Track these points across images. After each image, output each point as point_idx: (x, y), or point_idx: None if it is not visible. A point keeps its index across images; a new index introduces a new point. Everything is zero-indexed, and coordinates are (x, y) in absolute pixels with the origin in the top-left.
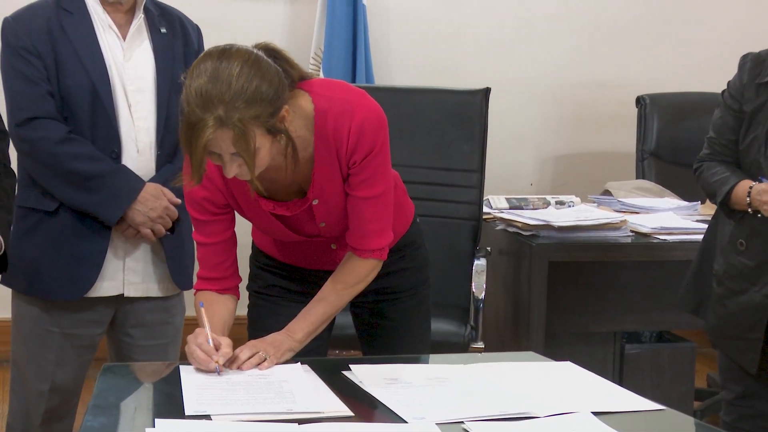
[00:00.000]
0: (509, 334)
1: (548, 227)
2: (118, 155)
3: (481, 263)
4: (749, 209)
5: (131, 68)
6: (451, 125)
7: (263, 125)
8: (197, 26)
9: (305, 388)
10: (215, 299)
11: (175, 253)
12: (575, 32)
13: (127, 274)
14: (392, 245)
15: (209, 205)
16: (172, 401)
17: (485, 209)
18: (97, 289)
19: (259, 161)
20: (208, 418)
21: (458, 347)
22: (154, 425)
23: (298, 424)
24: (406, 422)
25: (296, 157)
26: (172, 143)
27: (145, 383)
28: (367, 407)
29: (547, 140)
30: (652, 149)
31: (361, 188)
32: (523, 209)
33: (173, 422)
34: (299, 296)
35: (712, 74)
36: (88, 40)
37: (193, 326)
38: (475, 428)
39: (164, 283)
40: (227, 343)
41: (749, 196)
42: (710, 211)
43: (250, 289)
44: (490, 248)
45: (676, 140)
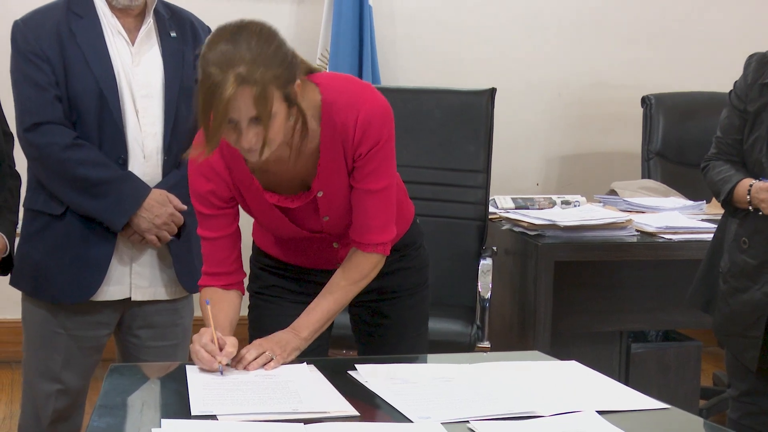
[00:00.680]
0: (515, 333)
1: (554, 227)
2: (124, 161)
3: (487, 263)
4: (750, 207)
5: (140, 73)
6: (456, 125)
7: (281, 89)
8: (209, 28)
9: (311, 387)
10: (221, 296)
11: (182, 256)
12: (581, 32)
13: (133, 278)
14: (394, 243)
15: (214, 198)
16: (178, 401)
17: (491, 209)
18: (103, 292)
19: (274, 131)
20: (214, 418)
21: (464, 347)
22: (160, 425)
23: (303, 423)
24: (411, 422)
25: (305, 132)
26: (179, 149)
27: (151, 383)
28: (372, 407)
29: (552, 140)
30: (657, 149)
31: (366, 181)
32: (528, 209)
33: (179, 422)
34: (300, 296)
35: (717, 74)
36: (96, 44)
37: (201, 326)
38: (480, 427)
39: (172, 286)
40: (232, 342)
41: (749, 194)
42: (716, 210)
43: (250, 290)
44: (496, 248)
45: (681, 140)
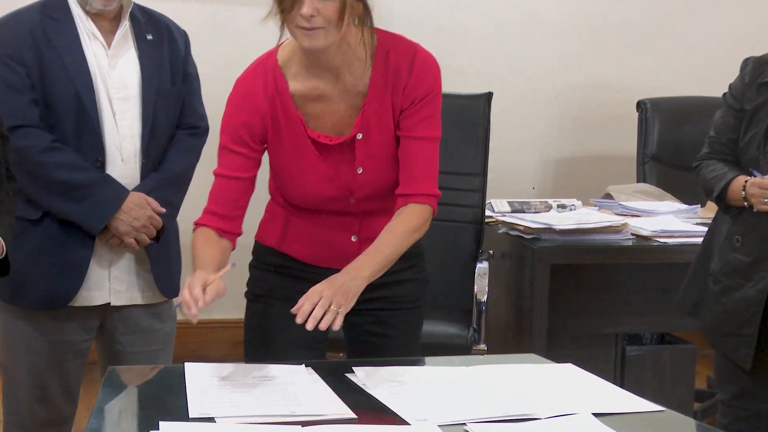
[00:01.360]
0: (512, 336)
1: (550, 230)
2: (102, 164)
3: (483, 266)
4: (745, 203)
5: (116, 76)
6: (453, 129)
7: None
8: (184, 31)
9: (309, 390)
10: (214, 240)
11: (160, 260)
12: (577, 36)
13: (112, 282)
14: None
15: (246, 133)
16: (176, 404)
17: (488, 212)
18: (82, 298)
19: (336, 6)
20: (212, 420)
21: (461, 349)
22: (158, 427)
23: (301, 426)
24: (408, 424)
25: (371, 55)
26: (157, 152)
27: (149, 386)
28: (369, 409)
29: (548, 144)
30: (653, 153)
31: (420, 128)
32: (525, 212)
33: (177, 425)
34: None
35: (712, 78)
36: (72, 47)
37: (184, 330)
38: (477, 430)
39: (149, 290)
40: (215, 287)
41: (744, 189)
42: (711, 214)
43: (250, 293)
44: (492, 251)
45: (676, 144)
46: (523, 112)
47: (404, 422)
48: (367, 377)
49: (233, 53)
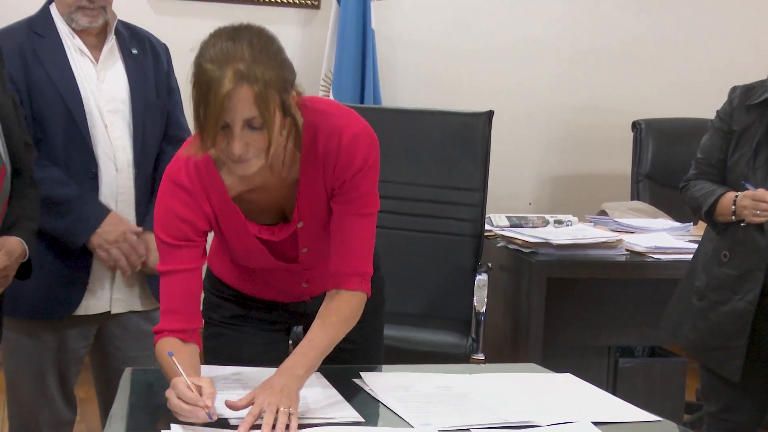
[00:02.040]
0: (509, 346)
1: (547, 245)
2: (95, 174)
3: (482, 278)
4: (733, 217)
5: (105, 90)
6: (455, 146)
7: (280, 94)
8: (165, 45)
9: (318, 394)
10: (180, 347)
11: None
12: (575, 59)
13: (114, 292)
14: None
15: (189, 229)
16: None
17: (487, 227)
18: (83, 307)
19: (270, 137)
20: (225, 422)
21: (460, 358)
22: (170, 428)
23: (309, 428)
24: (412, 427)
25: (298, 144)
26: (148, 161)
27: (164, 387)
28: (375, 414)
29: (546, 161)
30: (646, 172)
31: (355, 205)
32: (523, 227)
33: (189, 428)
34: (268, 324)
35: (704, 101)
36: (59, 63)
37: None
38: None
39: (146, 298)
40: (207, 382)
41: (734, 204)
42: (702, 232)
43: (209, 318)
44: (491, 264)
45: (669, 164)
46: (522, 130)
47: (408, 425)
48: (374, 382)
49: None
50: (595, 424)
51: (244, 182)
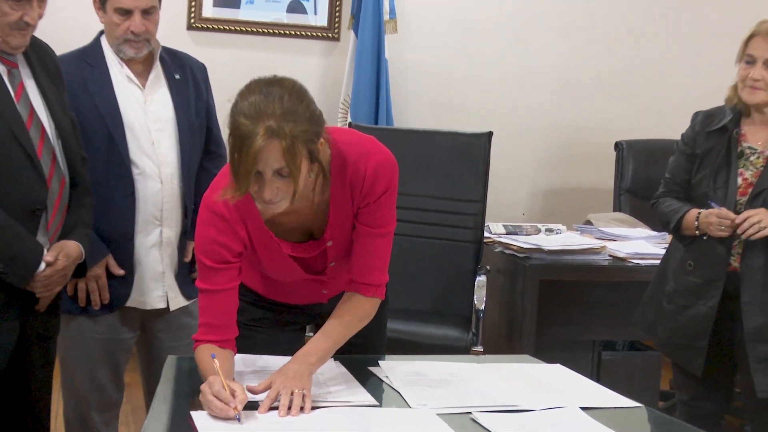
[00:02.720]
0: (504, 340)
1: (539, 251)
2: (132, 193)
3: (481, 279)
4: (697, 232)
5: (152, 111)
6: (458, 162)
7: (306, 145)
8: (203, 65)
9: (338, 380)
10: (218, 352)
11: (187, 265)
12: (565, 86)
13: (167, 289)
14: None
15: (226, 253)
16: None
17: (486, 234)
18: (132, 302)
19: (297, 185)
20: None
21: (461, 350)
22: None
23: (321, 409)
24: (411, 407)
25: (325, 187)
26: (190, 174)
27: (197, 374)
28: (385, 397)
29: (538, 176)
30: (627, 187)
31: (375, 225)
32: (517, 234)
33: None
34: (289, 325)
35: (679, 125)
36: (105, 91)
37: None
38: (481, 418)
39: (184, 295)
40: (241, 389)
41: (698, 220)
42: None
43: (237, 322)
44: (489, 267)
45: (648, 179)
46: (517, 149)
47: (408, 406)
48: (389, 369)
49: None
50: (582, 409)
51: None
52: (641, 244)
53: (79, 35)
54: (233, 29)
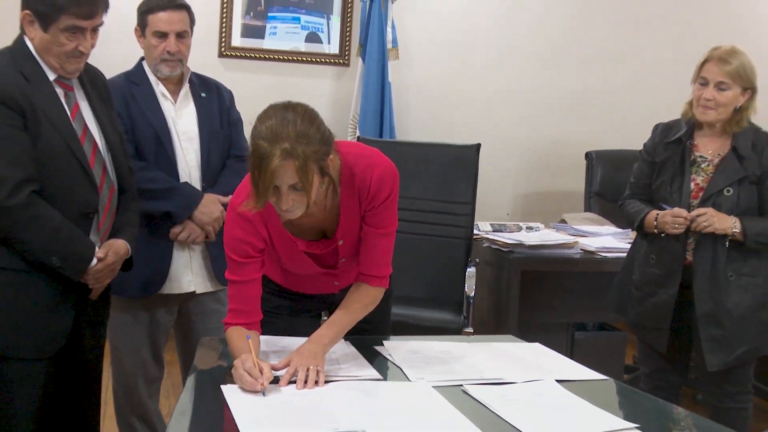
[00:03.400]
0: (491, 322)
1: (521, 246)
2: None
3: (471, 270)
4: (656, 230)
5: (181, 124)
6: (452, 170)
7: (317, 163)
8: (230, 91)
9: (347, 357)
10: (245, 333)
11: (217, 256)
12: (542, 103)
13: (194, 276)
14: None
15: (249, 248)
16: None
17: (475, 231)
18: (167, 288)
19: (310, 196)
20: (275, 381)
21: (454, 331)
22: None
23: (333, 384)
24: (410, 381)
25: (336, 196)
26: (211, 176)
27: (226, 354)
28: (389, 372)
29: (520, 182)
30: (596, 190)
31: (379, 226)
32: (502, 232)
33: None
34: (304, 312)
35: (643, 136)
36: (151, 104)
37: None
38: (470, 389)
39: (212, 280)
40: (268, 368)
41: (656, 220)
42: None
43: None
44: (478, 260)
45: (614, 184)
46: (502, 158)
47: (407, 379)
48: (392, 348)
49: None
50: (557, 381)
51: None
52: (608, 239)
53: (120, 61)
54: (258, 56)
